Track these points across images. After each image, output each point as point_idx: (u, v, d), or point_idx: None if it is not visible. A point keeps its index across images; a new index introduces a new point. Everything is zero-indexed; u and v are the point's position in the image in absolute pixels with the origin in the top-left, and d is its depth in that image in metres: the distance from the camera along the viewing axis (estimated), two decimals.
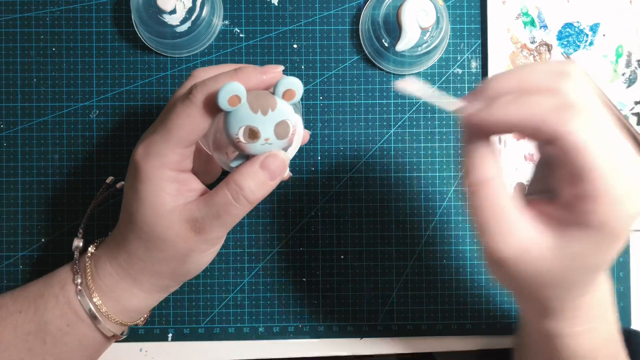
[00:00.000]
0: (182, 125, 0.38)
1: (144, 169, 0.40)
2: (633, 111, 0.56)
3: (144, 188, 0.40)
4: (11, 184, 0.55)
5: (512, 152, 0.55)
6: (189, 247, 0.41)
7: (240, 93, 0.37)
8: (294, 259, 0.55)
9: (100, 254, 0.45)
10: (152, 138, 0.40)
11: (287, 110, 0.38)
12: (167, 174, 0.40)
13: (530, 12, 0.55)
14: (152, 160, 0.40)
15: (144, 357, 0.55)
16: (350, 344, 0.56)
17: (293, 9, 0.55)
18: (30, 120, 0.55)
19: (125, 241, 0.43)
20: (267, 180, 0.39)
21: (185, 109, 0.38)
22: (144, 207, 0.40)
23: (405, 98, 0.55)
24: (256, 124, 0.38)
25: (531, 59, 0.55)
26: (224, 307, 0.55)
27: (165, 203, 0.40)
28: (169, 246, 0.41)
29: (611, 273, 0.56)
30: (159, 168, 0.40)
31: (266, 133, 0.38)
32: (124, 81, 0.55)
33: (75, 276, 0.44)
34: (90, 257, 0.45)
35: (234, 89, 0.36)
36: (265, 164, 0.39)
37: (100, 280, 0.44)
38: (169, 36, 0.53)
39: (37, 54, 0.55)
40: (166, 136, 0.39)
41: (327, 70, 0.55)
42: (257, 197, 0.40)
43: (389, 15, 0.54)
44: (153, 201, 0.40)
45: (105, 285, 0.44)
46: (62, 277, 0.45)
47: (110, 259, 0.44)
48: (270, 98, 0.38)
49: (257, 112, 0.37)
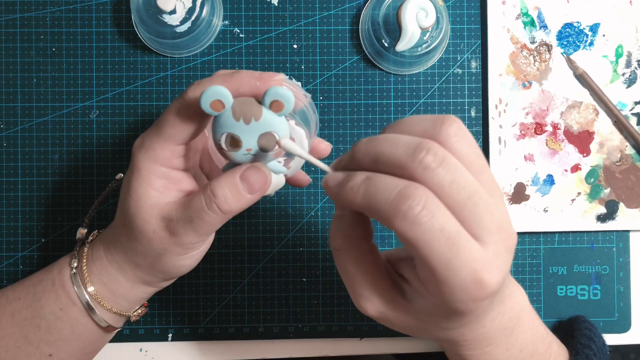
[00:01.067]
0: (172, 122, 0.38)
1: (137, 159, 0.40)
2: (633, 111, 0.56)
3: (133, 178, 0.40)
4: (11, 184, 0.55)
5: (512, 153, 0.55)
6: (162, 247, 0.40)
7: (224, 98, 0.35)
8: (294, 259, 0.55)
9: (98, 240, 0.45)
10: (147, 132, 0.40)
11: (274, 121, 0.36)
12: (157, 169, 0.40)
13: (530, 12, 0.55)
14: (144, 153, 0.40)
15: (144, 357, 0.55)
16: (350, 344, 0.56)
17: (293, 9, 0.55)
18: (30, 120, 0.55)
19: (115, 229, 0.43)
20: (244, 193, 0.38)
21: (176, 106, 0.38)
22: (130, 197, 0.40)
23: (406, 98, 0.55)
24: (238, 133, 0.36)
25: (531, 59, 0.55)
26: (224, 307, 0.55)
27: (150, 197, 0.40)
28: (145, 240, 0.40)
29: (611, 273, 0.56)
30: (149, 161, 0.39)
31: (248, 143, 0.37)
32: (124, 81, 0.55)
33: (72, 260, 0.45)
34: (89, 244, 0.46)
35: (215, 93, 0.35)
36: (245, 175, 0.38)
37: (93, 264, 0.44)
38: (169, 36, 0.53)
39: (37, 54, 0.55)
40: (157, 131, 0.39)
41: (327, 70, 0.55)
42: (231, 208, 0.38)
43: (389, 15, 0.54)
44: (139, 193, 0.40)
45: (96, 268, 0.44)
46: (62, 263, 0.45)
47: (103, 244, 0.44)
48: (255, 107, 0.36)
49: (239, 120, 0.36)
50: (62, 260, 0.46)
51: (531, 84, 0.55)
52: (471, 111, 0.56)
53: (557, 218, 0.55)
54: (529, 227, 0.55)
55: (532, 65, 0.55)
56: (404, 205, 0.31)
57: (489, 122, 0.55)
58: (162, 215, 0.39)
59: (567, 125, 0.55)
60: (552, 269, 0.56)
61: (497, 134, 0.55)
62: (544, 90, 0.55)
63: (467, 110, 0.56)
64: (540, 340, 0.43)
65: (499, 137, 0.55)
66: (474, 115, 0.56)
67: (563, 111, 0.55)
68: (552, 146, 0.55)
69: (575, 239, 0.56)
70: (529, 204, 0.55)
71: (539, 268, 0.56)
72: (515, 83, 0.55)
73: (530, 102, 0.55)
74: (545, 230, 0.55)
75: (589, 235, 0.56)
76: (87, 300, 0.44)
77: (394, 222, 0.31)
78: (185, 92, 0.38)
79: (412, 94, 0.55)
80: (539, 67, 0.55)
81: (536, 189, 0.55)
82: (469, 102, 0.56)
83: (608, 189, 0.55)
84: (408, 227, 0.31)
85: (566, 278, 0.56)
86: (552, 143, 0.55)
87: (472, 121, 0.56)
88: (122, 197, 0.42)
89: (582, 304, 0.56)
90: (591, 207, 0.55)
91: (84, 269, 0.44)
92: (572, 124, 0.55)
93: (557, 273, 0.56)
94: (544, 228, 0.55)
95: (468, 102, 0.56)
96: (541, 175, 0.55)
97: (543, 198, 0.55)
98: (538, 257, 0.56)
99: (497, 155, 0.55)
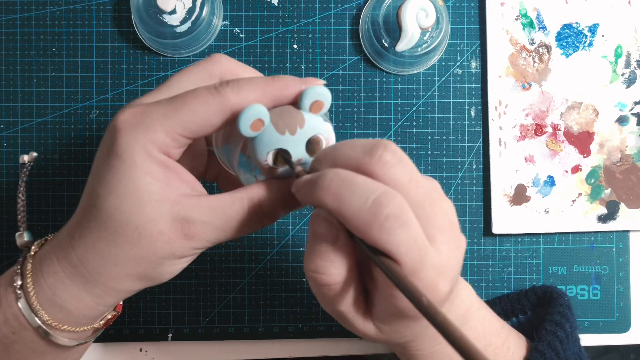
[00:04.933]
0: (195, 109, 0.33)
1: (126, 140, 0.32)
2: (633, 111, 0.56)
3: (122, 166, 0.33)
4: (11, 184, 0.55)
5: (512, 154, 0.55)
6: (169, 251, 0.34)
7: (263, 115, 0.32)
8: (294, 259, 0.55)
9: (48, 249, 0.37)
10: (149, 107, 0.33)
11: (317, 124, 0.34)
12: (155, 154, 0.33)
13: (529, 13, 0.55)
14: (139, 133, 0.32)
15: (144, 357, 0.55)
16: (350, 344, 0.56)
17: (293, 9, 0.55)
18: (30, 120, 0.55)
19: (83, 231, 0.35)
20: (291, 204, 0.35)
21: (207, 97, 0.33)
22: (119, 190, 0.33)
23: (406, 98, 0.55)
24: (286, 146, 0.33)
25: (530, 60, 0.55)
26: (224, 307, 0.55)
27: (153, 191, 0.33)
28: (145, 244, 0.33)
29: (611, 273, 0.56)
30: (146, 143, 0.32)
31: (297, 153, 0.34)
32: (124, 81, 0.55)
33: (15, 277, 0.36)
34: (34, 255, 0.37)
35: (256, 113, 0.32)
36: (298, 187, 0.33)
37: (44, 282, 0.36)
38: (169, 36, 0.53)
39: (37, 54, 0.55)
40: (169, 111, 0.33)
41: (327, 70, 0.55)
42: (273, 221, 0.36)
43: (389, 16, 0.54)
44: (137, 186, 0.33)
45: (48, 287, 0.36)
46: (8, 277, 0.37)
47: (58, 255, 0.36)
48: (296, 115, 0.33)
49: (285, 132, 0.33)
50: (8, 274, 0.38)
51: (531, 85, 0.55)
52: (471, 111, 0.56)
53: (558, 219, 0.55)
54: (530, 228, 0.55)
55: (531, 66, 0.55)
56: (382, 215, 0.29)
57: (488, 124, 0.55)
58: (175, 215, 0.33)
59: (567, 126, 0.55)
60: (552, 269, 0.56)
61: (497, 136, 0.55)
62: (544, 91, 0.55)
63: (467, 110, 0.56)
64: (494, 335, 0.43)
65: (499, 138, 0.55)
66: (473, 116, 0.56)
67: (563, 112, 0.55)
68: (553, 147, 0.55)
69: (575, 239, 0.56)
70: (530, 206, 0.55)
71: (538, 268, 0.56)
72: (515, 84, 0.55)
73: (530, 104, 0.55)
74: (546, 232, 0.55)
75: (588, 235, 0.56)
76: (38, 326, 0.36)
77: (370, 231, 0.29)
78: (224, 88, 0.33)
79: (412, 94, 0.55)
80: (538, 68, 0.55)
81: (537, 191, 0.55)
82: (468, 102, 0.56)
83: (609, 190, 0.55)
84: (386, 238, 0.29)
85: (566, 278, 0.56)
86: (552, 144, 0.55)
87: (472, 121, 0.56)
88: (99, 191, 0.33)
89: (582, 304, 0.56)
90: (592, 208, 0.55)
91: (29, 291, 0.35)
92: (572, 125, 0.55)
93: (557, 273, 0.56)
94: (545, 229, 0.55)
95: (468, 102, 0.56)
96: (542, 176, 0.55)
97: (544, 199, 0.55)
98: (538, 257, 0.56)
99: (498, 157, 0.55)
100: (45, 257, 0.36)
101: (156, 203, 0.33)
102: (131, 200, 0.33)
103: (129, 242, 0.33)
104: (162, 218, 0.33)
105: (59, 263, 0.36)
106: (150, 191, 0.33)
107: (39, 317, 0.36)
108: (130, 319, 0.54)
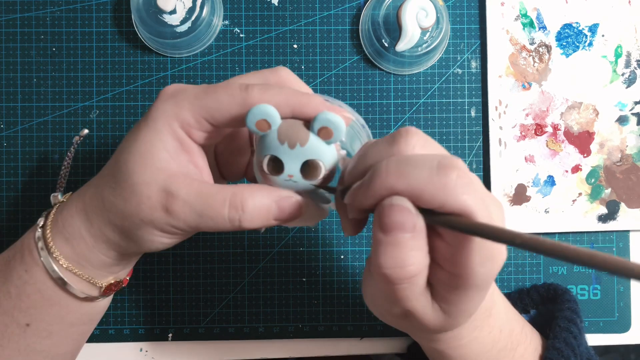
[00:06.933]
0: (220, 98, 0.35)
1: (157, 107, 0.36)
2: (633, 111, 0.56)
3: (145, 128, 0.36)
4: (11, 184, 0.55)
5: (512, 154, 0.55)
6: (150, 217, 0.36)
7: (270, 118, 0.33)
8: (294, 259, 0.55)
9: (73, 196, 0.41)
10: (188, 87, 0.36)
11: (321, 149, 0.34)
12: (175, 128, 0.36)
13: (529, 13, 0.55)
14: (170, 105, 0.36)
15: (144, 357, 0.55)
16: (351, 344, 0.56)
17: (293, 9, 0.55)
18: (30, 120, 0.55)
19: (100, 176, 0.39)
20: (271, 219, 0.36)
21: (236, 90, 0.35)
22: (135, 149, 0.36)
23: (406, 98, 0.55)
24: (281, 156, 0.34)
25: (530, 60, 0.55)
26: (224, 307, 0.55)
27: (158, 158, 0.36)
28: (134, 202, 0.36)
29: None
30: (172, 116, 0.35)
31: (291, 169, 0.34)
32: (124, 81, 0.55)
33: (40, 219, 0.40)
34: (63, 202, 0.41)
35: (262, 113, 0.33)
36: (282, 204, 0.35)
37: (60, 215, 0.40)
38: (169, 36, 0.53)
39: (37, 54, 0.55)
40: (200, 94, 0.35)
41: (327, 70, 0.55)
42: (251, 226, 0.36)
43: (389, 15, 0.54)
44: (147, 148, 0.36)
45: (61, 220, 0.39)
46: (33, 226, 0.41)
47: (77, 196, 0.40)
48: (301, 132, 0.34)
49: (284, 143, 0.34)
50: None
51: (531, 85, 0.55)
52: (471, 111, 0.56)
53: (559, 219, 0.55)
54: (530, 228, 0.55)
55: (531, 66, 0.55)
56: (452, 175, 0.30)
57: (489, 124, 0.55)
58: (166, 186, 0.35)
59: (567, 125, 0.55)
60: (552, 268, 0.56)
61: (497, 136, 0.55)
62: (544, 91, 0.55)
63: (467, 110, 0.56)
64: (514, 321, 0.43)
65: (499, 138, 0.55)
66: (474, 115, 0.56)
67: (563, 112, 0.55)
68: (553, 147, 0.55)
69: (575, 239, 0.56)
70: (530, 206, 0.55)
71: (539, 268, 0.56)
72: (515, 84, 0.55)
73: (530, 103, 0.55)
74: (547, 232, 0.55)
75: (588, 235, 0.56)
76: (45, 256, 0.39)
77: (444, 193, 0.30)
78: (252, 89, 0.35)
79: (412, 94, 0.55)
80: (538, 68, 0.55)
81: (537, 190, 0.55)
82: (469, 102, 0.56)
83: (609, 189, 0.55)
84: (460, 196, 0.30)
85: (566, 278, 0.56)
86: (552, 144, 0.55)
87: (472, 121, 0.56)
88: (123, 144, 0.37)
89: (582, 303, 0.56)
90: (592, 208, 0.55)
91: (48, 225, 0.39)
92: (572, 125, 0.55)
93: (557, 273, 0.56)
94: (545, 229, 0.55)
95: (468, 102, 0.56)
96: (542, 176, 0.55)
97: (544, 199, 0.55)
98: (538, 257, 0.56)
99: (498, 157, 0.55)
100: (68, 200, 0.40)
101: (156, 170, 0.35)
102: (138, 159, 0.36)
103: (122, 196, 0.36)
104: (155, 184, 0.35)
105: (75, 203, 0.39)
106: (157, 158, 0.35)
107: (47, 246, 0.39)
108: (130, 319, 0.55)
